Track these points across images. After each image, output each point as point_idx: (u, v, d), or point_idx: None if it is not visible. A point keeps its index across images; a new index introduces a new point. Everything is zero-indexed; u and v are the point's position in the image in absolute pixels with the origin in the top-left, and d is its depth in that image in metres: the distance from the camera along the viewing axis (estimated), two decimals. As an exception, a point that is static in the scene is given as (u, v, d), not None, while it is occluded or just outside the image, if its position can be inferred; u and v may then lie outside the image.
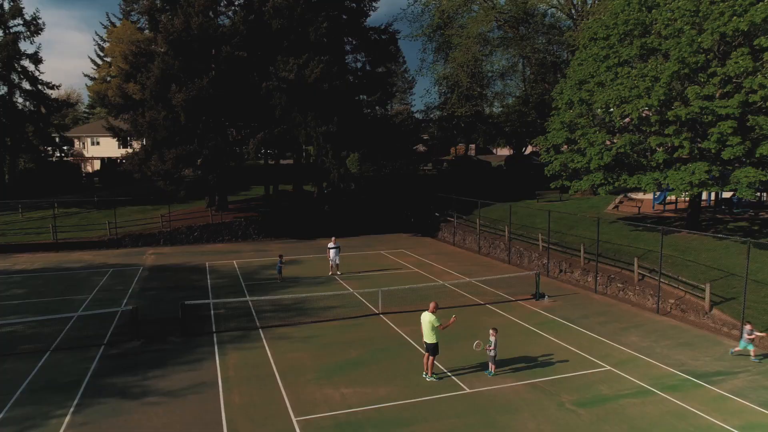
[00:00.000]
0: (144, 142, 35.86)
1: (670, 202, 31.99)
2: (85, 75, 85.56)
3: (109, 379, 13.85)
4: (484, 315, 19.30)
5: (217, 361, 14.99)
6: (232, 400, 12.65)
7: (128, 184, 50.51)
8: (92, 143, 72.38)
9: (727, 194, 29.53)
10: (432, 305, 13.91)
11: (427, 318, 13.67)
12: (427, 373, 13.79)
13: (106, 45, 50.99)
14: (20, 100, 48.53)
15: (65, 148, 64.39)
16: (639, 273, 21.34)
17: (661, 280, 20.39)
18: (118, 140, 37.06)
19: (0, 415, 11.90)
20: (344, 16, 38.57)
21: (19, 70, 47.31)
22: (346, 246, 33.56)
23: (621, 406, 12.20)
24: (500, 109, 54.23)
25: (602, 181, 23.12)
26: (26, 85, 48.19)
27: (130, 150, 40.70)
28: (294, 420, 11.63)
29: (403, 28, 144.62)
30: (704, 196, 32.48)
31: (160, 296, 22.01)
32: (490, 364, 14.04)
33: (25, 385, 13.46)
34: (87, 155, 72.13)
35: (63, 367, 14.65)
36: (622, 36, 21.95)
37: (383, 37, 40.85)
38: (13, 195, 44.60)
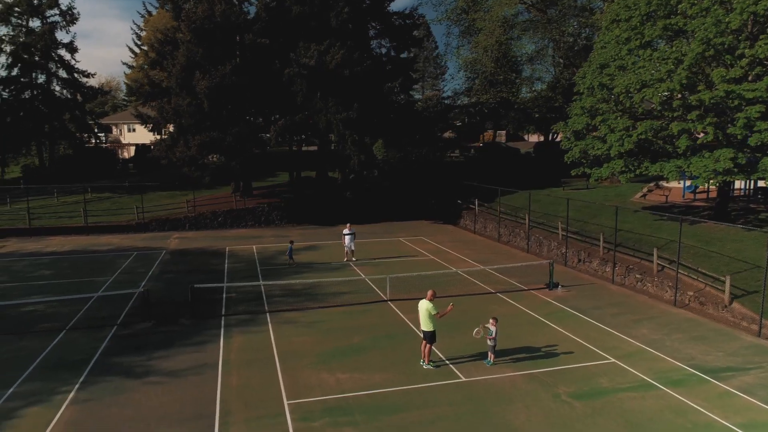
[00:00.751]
0: (171, 129, 36.66)
1: (702, 191, 30.79)
2: (124, 63, 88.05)
3: (117, 358, 14.33)
4: (493, 303, 19.06)
5: (221, 344, 15.31)
6: (229, 381, 12.91)
7: (161, 170, 51.80)
8: (128, 130, 74.40)
9: (763, 183, 28.19)
10: (429, 293, 13.80)
11: (424, 306, 13.58)
12: (424, 361, 13.74)
13: (143, 33, 52.15)
14: (57, 88, 50.31)
15: (103, 134, 66.62)
16: (658, 264, 20.65)
17: (682, 271, 19.71)
18: (146, 127, 37.80)
19: (10, 390, 12.47)
20: (366, 1, 38.23)
21: (56, 59, 48.95)
22: (366, 232, 33.69)
23: (619, 400, 11.88)
24: (529, 94, 52.96)
25: (623, 169, 22.35)
26: (63, 74, 49.89)
27: (159, 137, 41.79)
28: (285, 403, 11.79)
29: (428, 12, 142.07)
30: (740, 185, 31.12)
31: (178, 279, 22.56)
32: (489, 353, 13.87)
33: (38, 362, 14.06)
34: (124, 142, 74.34)
35: (75, 345, 15.24)
36: (645, 17, 21.01)
37: (407, 21, 40.39)
38: (51, 180, 46.35)
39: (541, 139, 62.55)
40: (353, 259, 25.79)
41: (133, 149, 68.51)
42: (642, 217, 26.04)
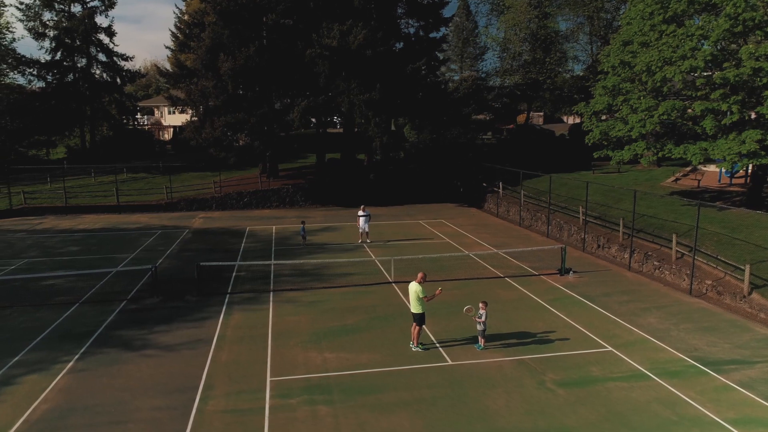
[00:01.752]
0: (198, 111, 37.41)
1: (741, 176, 29.16)
2: (167, 47, 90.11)
3: (119, 331, 14.89)
4: (499, 288, 18.73)
5: (220, 320, 15.66)
6: (219, 357, 13.21)
7: (197, 151, 53.12)
8: (169, 112, 76.39)
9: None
10: (419, 275, 13.67)
11: (413, 288, 13.47)
12: (413, 343, 13.66)
13: (186, 17, 53.15)
14: (97, 71, 52.03)
15: (145, 116, 68.67)
16: (677, 251, 19.76)
17: (701, 259, 18.83)
18: (177, 109, 38.71)
19: (15, 358, 13.16)
20: (391, -21, 37.62)
21: (96, 43, 50.54)
22: (387, 214, 33.69)
23: (607, 389, 11.50)
24: (565, 75, 51.19)
25: (645, 151, 21.35)
26: (102, 57, 51.54)
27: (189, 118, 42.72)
28: (268, 379, 11.99)
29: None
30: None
31: (195, 257, 23.09)
32: (479, 337, 13.65)
33: (47, 333, 14.77)
34: (165, 123, 76.45)
35: (84, 318, 15.91)
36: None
37: (435, 0, 39.56)
38: (92, 160, 48.26)
39: (578, 121, 60.57)
40: (367, 240, 25.82)
41: (172, 131, 70.44)
42: (668, 202, 24.91)
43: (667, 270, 19.74)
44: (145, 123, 75.60)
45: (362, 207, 26.15)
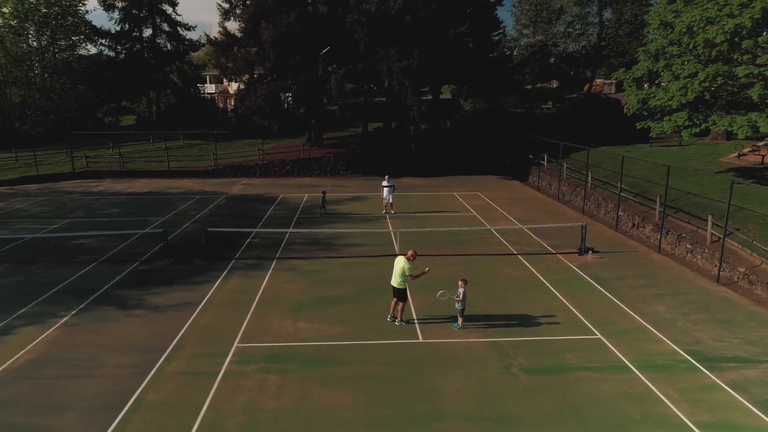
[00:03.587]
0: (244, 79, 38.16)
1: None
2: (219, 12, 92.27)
3: (121, 290, 15.69)
4: (506, 266, 17.90)
5: (216, 285, 16.10)
6: (199, 320, 13.61)
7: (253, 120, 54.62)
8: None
9: None
10: (410, 252, 13.38)
11: (401, 263, 13.15)
12: (397, 318, 13.39)
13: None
14: (162, 41, 54.19)
15: (214, 84, 71.11)
16: (713, 234, 17.93)
17: (736, 244, 17.03)
18: (224, 77, 39.68)
19: (22, 310, 14.24)
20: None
21: (160, 13, 52.50)
22: (424, 186, 33.12)
23: (576, 379, 10.73)
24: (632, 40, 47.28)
25: (687, 123, 19.35)
26: (166, 27, 53.56)
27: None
28: (234, 345, 12.21)
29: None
30: None
31: (220, 222, 23.88)
32: (458, 317, 13.14)
33: (57, 288, 15.84)
34: (231, 92, 78.93)
35: (95, 276, 16.91)
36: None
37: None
38: (157, 127, 50.82)
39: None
40: (391, 211, 25.50)
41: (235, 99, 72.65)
42: (721, 180, 22.58)
43: (699, 254, 18.01)
44: (214, 91, 78.45)
45: (386, 177, 25.76)
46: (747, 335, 12.65)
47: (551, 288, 15.81)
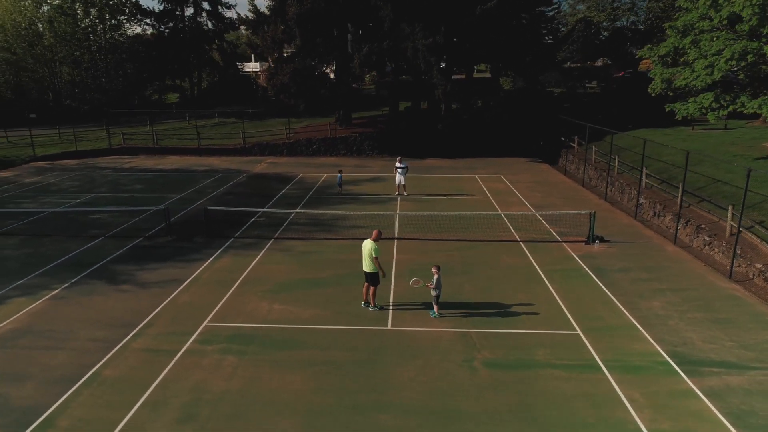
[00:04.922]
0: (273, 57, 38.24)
1: None
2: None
3: (116, 265, 16.17)
4: (505, 253, 17.23)
5: (206, 263, 16.32)
6: (179, 298, 13.83)
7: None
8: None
9: None
10: (374, 233, 13.03)
11: (368, 246, 12.86)
12: (370, 303, 13.17)
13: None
14: (203, 20, 55.10)
15: (259, 63, 71.90)
16: (732, 225, 16.56)
17: (757, 238, 15.65)
18: (255, 55, 39.93)
19: (21, 281, 14.93)
20: None
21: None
22: (447, 167, 32.42)
23: (537, 377, 10.19)
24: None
25: (713, 105, 17.83)
26: (206, 6, 54.36)
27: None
28: (203, 325, 12.33)
29: None
30: None
31: (233, 201, 24.23)
32: (433, 304, 12.75)
33: (59, 261, 16.50)
34: (274, 70, 79.82)
35: (97, 251, 17.50)
36: None
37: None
38: (199, 105, 51.97)
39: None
40: (404, 193, 25.08)
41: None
42: (755, 166, 20.78)
43: (716, 247, 16.72)
44: (258, 69, 79.49)
45: (399, 159, 25.31)
46: (743, 338, 11.64)
47: (544, 278, 15.09)
